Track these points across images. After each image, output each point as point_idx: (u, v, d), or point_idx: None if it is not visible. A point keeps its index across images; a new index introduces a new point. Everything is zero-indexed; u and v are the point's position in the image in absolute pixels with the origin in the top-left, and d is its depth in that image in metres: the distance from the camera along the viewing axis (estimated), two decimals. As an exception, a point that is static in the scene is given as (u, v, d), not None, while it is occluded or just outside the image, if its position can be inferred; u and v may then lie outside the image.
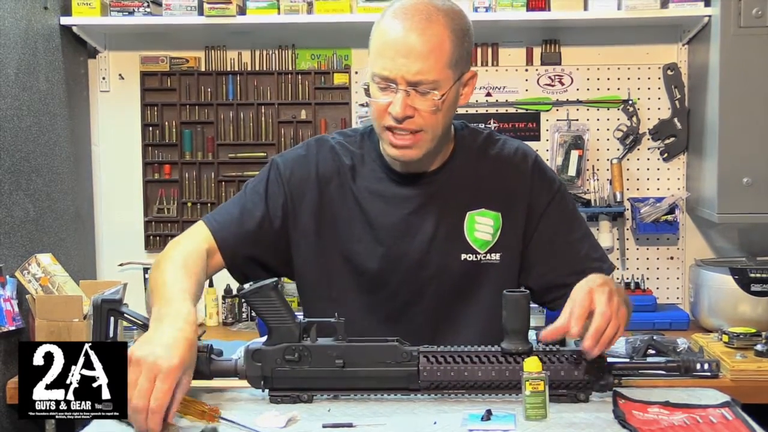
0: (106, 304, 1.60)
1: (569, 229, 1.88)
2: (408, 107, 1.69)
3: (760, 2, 2.97)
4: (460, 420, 1.47)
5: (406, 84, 1.68)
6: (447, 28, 1.70)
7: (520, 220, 1.84)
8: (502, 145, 1.90)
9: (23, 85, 2.97)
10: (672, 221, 3.39)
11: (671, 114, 3.45)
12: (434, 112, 1.71)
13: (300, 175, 1.87)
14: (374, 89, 1.73)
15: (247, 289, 1.59)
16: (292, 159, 1.89)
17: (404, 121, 1.70)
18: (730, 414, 1.48)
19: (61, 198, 3.25)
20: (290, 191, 1.86)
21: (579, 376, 1.55)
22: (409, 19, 1.69)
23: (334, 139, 1.91)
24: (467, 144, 1.88)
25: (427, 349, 1.58)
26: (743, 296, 3.05)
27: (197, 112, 3.54)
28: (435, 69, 1.69)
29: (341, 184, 1.85)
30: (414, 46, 1.67)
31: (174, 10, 3.29)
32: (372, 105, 1.74)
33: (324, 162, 1.87)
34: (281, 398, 1.58)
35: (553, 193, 1.88)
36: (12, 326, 2.72)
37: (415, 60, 1.67)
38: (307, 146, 1.91)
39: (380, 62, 1.70)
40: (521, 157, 1.88)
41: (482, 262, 1.83)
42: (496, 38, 3.49)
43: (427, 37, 1.68)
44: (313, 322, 1.59)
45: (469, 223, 1.83)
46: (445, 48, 1.70)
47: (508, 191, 1.85)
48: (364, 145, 1.89)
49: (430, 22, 1.69)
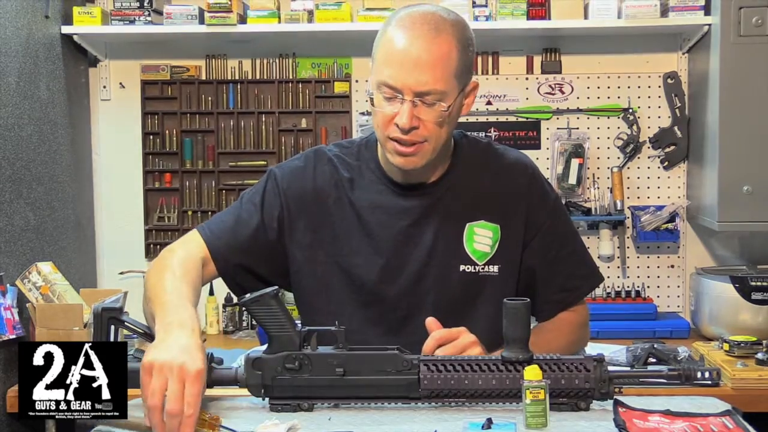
0: (107, 312, 1.60)
1: (561, 245, 1.89)
2: (414, 118, 1.69)
3: (760, 11, 2.98)
4: (461, 429, 1.46)
5: (413, 94, 1.68)
6: (454, 38, 1.70)
7: (518, 233, 1.85)
8: (502, 157, 1.90)
9: (24, 94, 2.98)
10: (672, 229, 3.39)
11: (671, 122, 3.45)
12: (440, 124, 1.71)
13: (297, 188, 1.86)
14: (379, 98, 1.72)
15: (247, 297, 1.59)
16: (290, 171, 1.89)
17: (410, 131, 1.70)
18: (731, 423, 1.48)
19: (62, 206, 3.25)
20: (287, 203, 1.86)
21: (579, 385, 1.55)
22: (417, 28, 1.68)
23: (332, 151, 1.91)
24: (466, 155, 1.88)
25: (427, 357, 1.58)
26: (744, 304, 3.04)
27: (198, 120, 3.55)
28: (442, 80, 1.69)
29: (339, 196, 1.85)
30: (422, 56, 1.67)
31: (175, 19, 3.29)
32: (377, 114, 1.73)
33: (322, 175, 1.87)
34: (282, 407, 1.58)
35: (550, 208, 1.89)
36: (12, 335, 2.71)
37: (423, 70, 1.67)
38: (306, 158, 1.91)
39: (387, 71, 1.69)
40: (521, 169, 1.89)
41: (480, 274, 1.83)
42: (497, 47, 3.50)
43: (436, 48, 1.68)
44: (314, 331, 1.59)
45: (468, 234, 1.83)
46: (452, 58, 1.70)
47: (507, 204, 1.85)
48: (361, 156, 1.88)
49: (438, 32, 1.69)
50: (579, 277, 1.92)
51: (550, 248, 1.87)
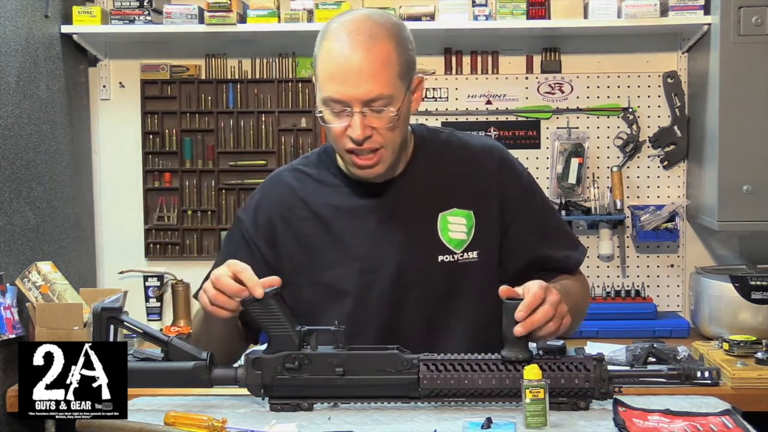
0: (106, 312, 1.61)
1: (543, 219, 1.90)
2: (366, 128, 1.69)
3: (760, 10, 2.98)
4: (460, 428, 1.47)
5: (361, 105, 1.68)
6: (391, 41, 1.70)
7: (494, 216, 1.84)
8: (467, 143, 1.90)
9: (24, 94, 2.98)
10: (672, 229, 3.39)
11: (671, 122, 3.45)
12: (391, 129, 1.72)
13: (263, 221, 1.86)
14: (328, 114, 1.72)
15: (247, 297, 1.59)
16: (253, 208, 1.89)
17: (364, 141, 1.70)
18: (730, 422, 1.48)
19: (62, 206, 3.25)
20: (260, 241, 1.85)
21: (579, 384, 1.55)
22: (353, 39, 1.68)
23: (291, 168, 1.91)
24: (428, 146, 1.87)
25: (427, 357, 1.58)
26: (744, 304, 3.04)
27: (197, 120, 3.55)
28: (387, 85, 1.69)
29: (302, 215, 1.85)
30: (363, 66, 1.67)
31: (174, 18, 3.29)
32: (329, 131, 1.74)
33: (280, 200, 1.87)
34: (281, 406, 1.58)
35: (524, 186, 1.89)
36: (12, 334, 2.71)
37: (366, 80, 1.67)
38: (262, 190, 1.92)
39: (331, 87, 1.69)
40: (487, 153, 1.89)
41: (460, 261, 1.82)
42: (497, 46, 3.50)
43: (375, 55, 1.68)
44: (313, 330, 1.59)
45: (442, 224, 1.83)
46: (393, 61, 1.70)
47: (477, 188, 1.85)
48: (321, 164, 1.89)
49: (374, 39, 1.69)
50: (567, 248, 1.91)
51: (532, 226, 1.87)
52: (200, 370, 1.58)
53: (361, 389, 1.58)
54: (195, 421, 1.46)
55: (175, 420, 1.46)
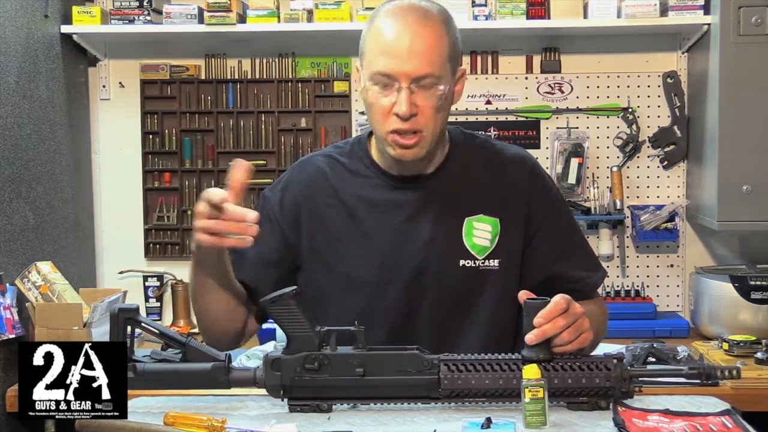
0: (123, 313, 1.59)
1: (567, 237, 1.89)
2: (412, 105, 1.69)
3: (760, 10, 2.98)
4: (460, 428, 1.46)
5: (410, 81, 1.68)
6: (442, 23, 1.73)
7: (519, 227, 1.84)
8: (501, 151, 1.90)
9: (23, 94, 2.98)
10: (672, 229, 3.39)
11: (671, 122, 3.45)
12: (437, 109, 1.71)
13: (289, 202, 1.87)
14: (374, 92, 1.72)
15: (266, 297, 1.59)
16: (280, 189, 1.90)
17: (409, 119, 1.70)
18: (730, 422, 1.48)
19: (61, 206, 3.25)
20: (284, 221, 1.86)
21: (600, 384, 1.54)
22: (406, 16, 1.70)
23: (324, 154, 1.91)
24: (464, 149, 1.88)
25: (447, 357, 1.56)
26: (743, 304, 3.05)
27: (197, 120, 3.55)
28: (437, 64, 1.70)
29: (330, 202, 1.85)
30: (414, 42, 1.68)
31: (174, 18, 3.29)
32: (373, 109, 1.73)
33: (309, 183, 1.87)
34: (301, 407, 1.57)
35: (552, 201, 1.89)
36: (12, 334, 2.71)
37: (417, 55, 1.68)
38: (291, 171, 1.93)
39: (381, 60, 1.69)
40: (520, 163, 1.89)
41: (481, 268, 1.82)
42: (496, 46, 3.50)
43: (427, 33, 1.69)
44: (333, 331, 1.58)
45: (467, 228, 1.82)
46: (443, 43, 1.72)
47: (506, 197, 1.84)
48: (354, 153, 1.88)
49: (427, 19, 1.71)
50: (587, 269, 1.91)
51: (555, 242, 1.86)
52: (219, 371, 1.57)
53: (382, 390, 1.57)
54: (195, 421, 1.46)
55: (174, 420, 1.46)
